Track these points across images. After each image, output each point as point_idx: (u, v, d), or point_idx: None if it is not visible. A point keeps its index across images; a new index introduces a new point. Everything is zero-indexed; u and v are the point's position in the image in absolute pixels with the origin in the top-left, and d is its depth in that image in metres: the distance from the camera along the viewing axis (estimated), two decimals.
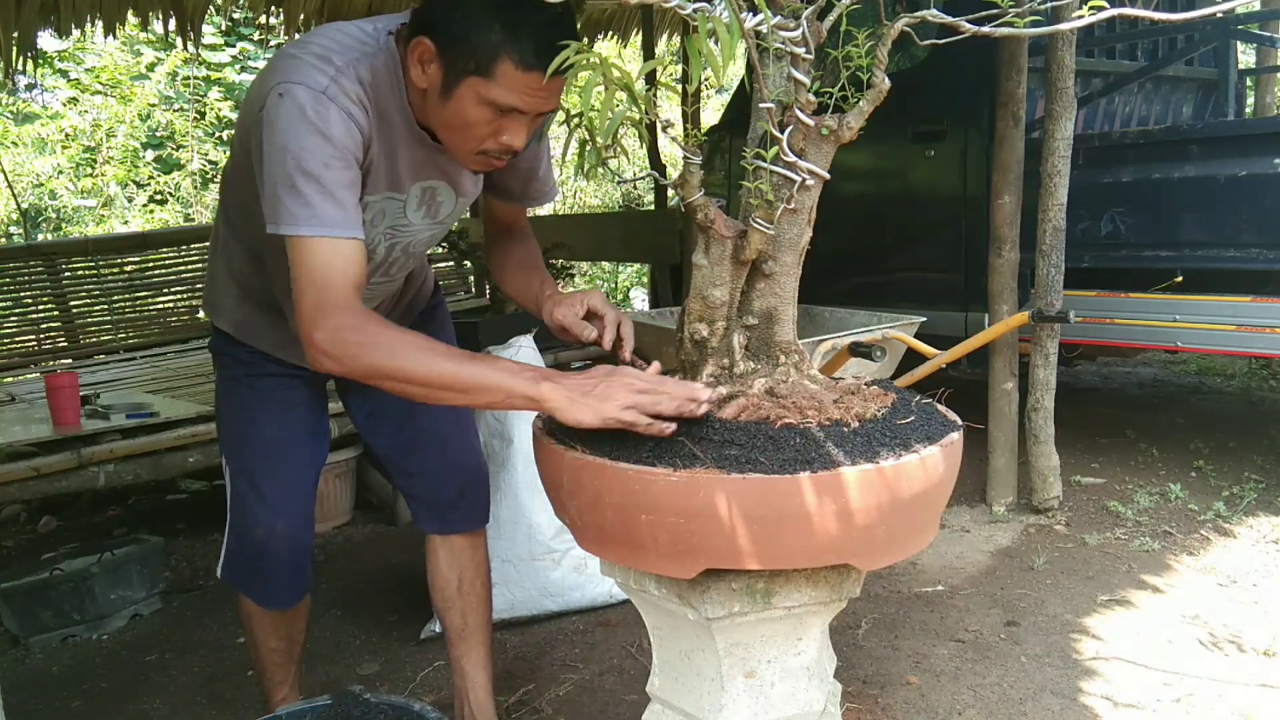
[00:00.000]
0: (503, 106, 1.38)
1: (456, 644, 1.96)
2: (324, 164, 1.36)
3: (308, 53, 1.42)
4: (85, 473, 2.81)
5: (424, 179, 1.57)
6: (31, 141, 8.10)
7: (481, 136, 1.42)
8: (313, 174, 1.35)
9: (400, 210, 1.57)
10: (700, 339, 1.35)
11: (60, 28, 4.56)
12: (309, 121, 1.36)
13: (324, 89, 1.38)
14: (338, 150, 1.37)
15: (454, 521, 1.93)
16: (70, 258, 5.05)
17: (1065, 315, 2.96)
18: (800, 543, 1.16)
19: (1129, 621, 2.47)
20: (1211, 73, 4.42)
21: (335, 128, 1.37)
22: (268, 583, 1.81)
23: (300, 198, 1.35)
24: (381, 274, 1.68)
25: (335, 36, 1.45)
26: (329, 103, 1.37)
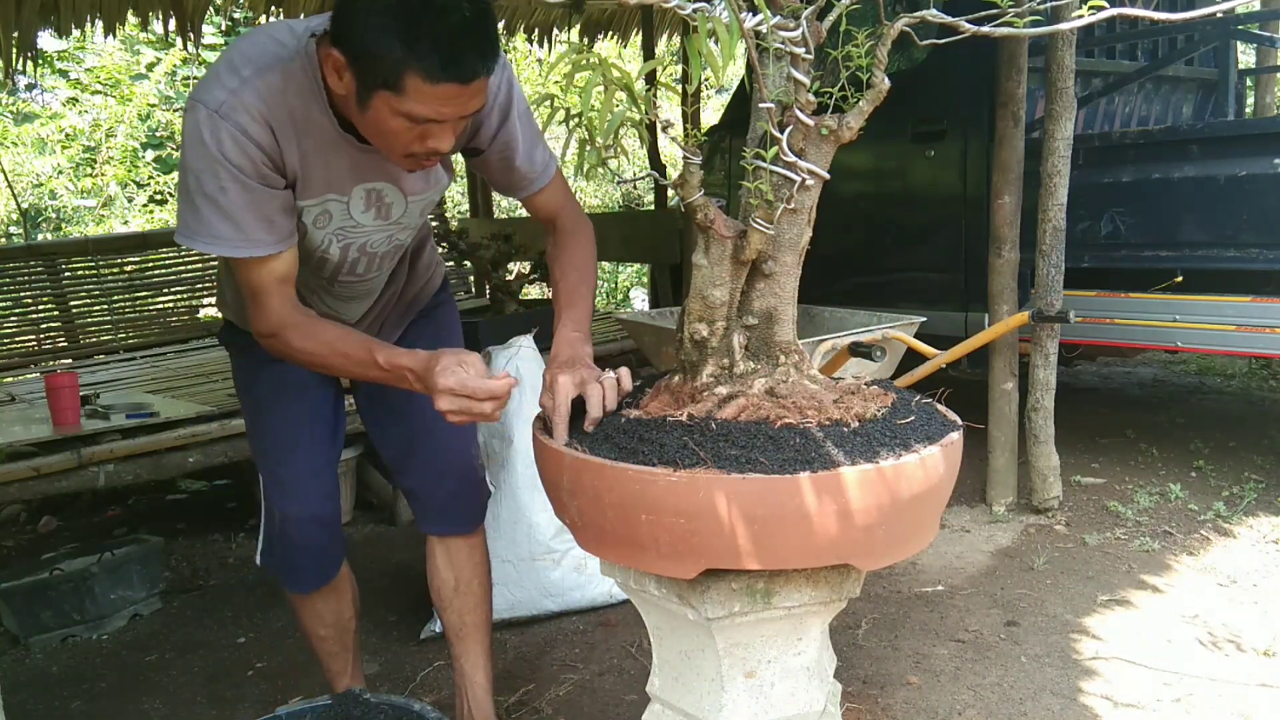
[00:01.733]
0: (417, 118, 1.34)
1: (455, 643, 1.97)
2: (220, 187, 1.39)
3: (221, 63, 1.43)
4: (85, 473, 2.82)
5: (366, 181, 1.55)
6: (31, 141, 8.10)
7: (405, 143, 1.39)
8: (209, 195, 1.40)
9: (345, 211, 1.57)
10: (700, 339, 1.35)
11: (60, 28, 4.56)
12: (202, 143, 1.38)
13: (219, 106, 1.38)
14: (230, 172, 1.39)
15: (446, 523, 1.94)
16: (70, 258, 5.06)
17: (1065, 315, 2.96)
18: (800, 543, 1.16)
19: (1129, 621, 2.47)
20: (1211, 73, 4.42)
21: (228, 148, 1.38)
22: (291, 566, 1.84)
23: (198, 214, 1.41)
24: (347, 274, 1.68)
25: (254, 42, 1.45)
26: (221, 122, 1.38)
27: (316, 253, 1.61)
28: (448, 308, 2.00)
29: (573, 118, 1.20)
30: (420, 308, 1.93)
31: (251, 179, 1.41)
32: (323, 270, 1.66)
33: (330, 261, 1.64)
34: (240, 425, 3.05)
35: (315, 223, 1.56)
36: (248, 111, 1.39)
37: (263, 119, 1.40)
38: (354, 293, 1.75)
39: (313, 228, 1.56)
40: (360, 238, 1.63)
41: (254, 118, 1.39)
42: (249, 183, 1.41)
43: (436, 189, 1.66)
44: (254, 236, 1.43)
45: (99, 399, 3.32)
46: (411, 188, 1.61)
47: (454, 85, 1.30)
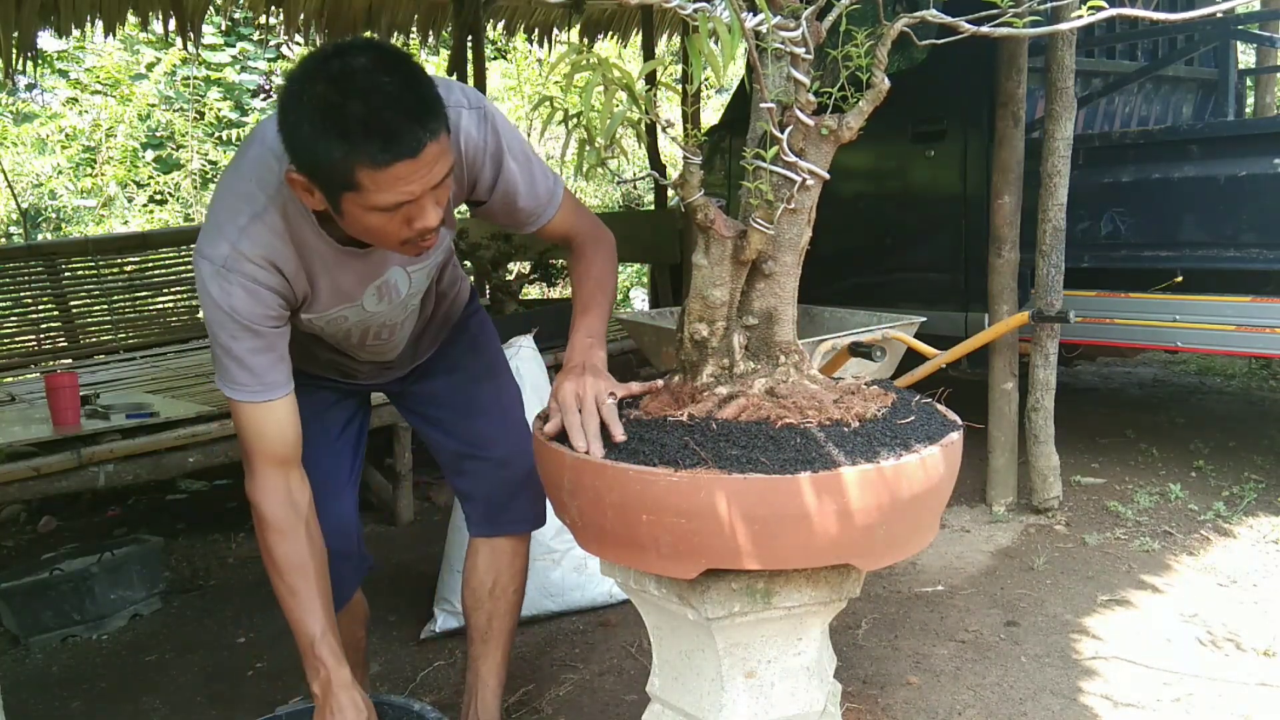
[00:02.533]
0: (388, 207, 1.30)
1: (476, 643, 1.96)
2: (232, 336, 1.43)
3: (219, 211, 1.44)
4: (85, 473, 2.81)
5: (372, 280, 1.57)
6: (31, 141, 8.10)
7: (393, 232, 1.35)
8: (224, 345, 1.45)
9: (359, 309, 1.60)
10: (700, 339, 1.35)
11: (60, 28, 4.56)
12: (213, 298, 1.42)
13: (224, 261, 1.41)
14: (242, 323, 1.43)
15: (505, 524, 1.92)
16: (70, 258, 5.05)
17: (1065, 315, 2.96)
18: (800, 543, 1.16)
19: (1129, 621, 2.47)
20: (1211, 73, 4.42)
21: (238, 300, 1.41)
22: None
23: (220, 363, 1.47)
24: (373, 339, 1.71)
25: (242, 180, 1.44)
26: (228, 275, 1.41)
27: (339, 334, 1.65)
28: (478, 318, 1.99)
29: (573, 118, 1.20)
30: (453, 323, 1.94)
31: (262, 325, 1.45)
32: (348, 341, 1.69)
33: (353, 335, 1.67)
34: None
35: (329, 324, 1.60)
36: (252, 261, 1.41)
37: (268, 264, 1.43)
38: (380, 351, 1.77)
39: (328, 327, 1.61)
40: (379, 320, 1.66)
41: (260, 265, 1.42)
42: (259, 329, 1.45)
43: (438, 250, 1.64)
44: (269, 380, 1.48)
45: (99, 399, 3.32)
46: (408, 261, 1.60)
47: (404, 163, 1.25)
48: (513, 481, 1.90)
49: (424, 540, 3.31)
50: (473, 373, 1.93)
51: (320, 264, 1.49)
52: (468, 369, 1.92)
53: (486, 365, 1.95)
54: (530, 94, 9.84)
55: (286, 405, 1.51)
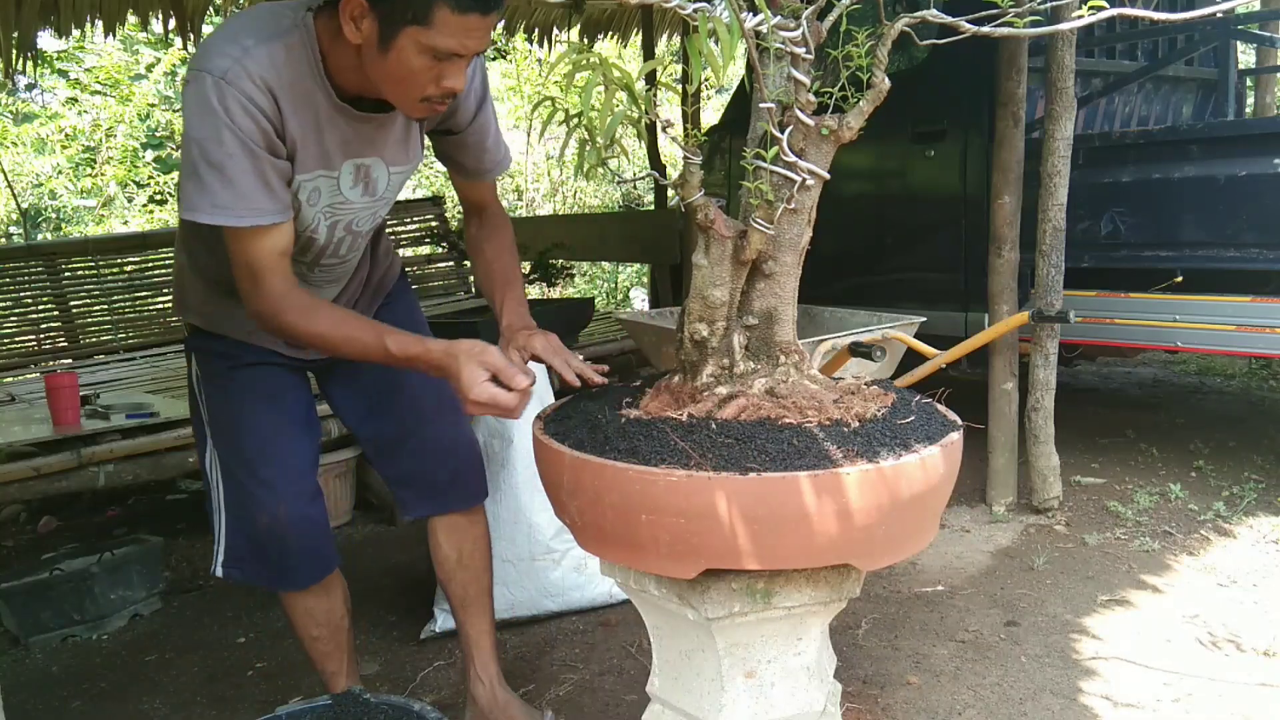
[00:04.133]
0: (441, 52, 1.39)
1: (460, 612, 2.01)
2: (226, 153, 1.42)
3: (220, 33, 1.47)
4: (85, 473, 2.81)
5: (354, 156, 1.60)
6: (31, 141, 8.10)
7: (423, 84, 1.43)
8: (215, 162, 1.42)
9: (335, 188, 1.61)
10: (700, 339, 1.35)
11: (60, 28, 4.56)
12: (209, 109, 1.40)
13: (225, 73, 1.41)
14: (238, 137, 1.42)
15: (449, 501, 1.95)
16: (70, 258, 5.06)
17: (1065, 315, 2.96)
18: (800, 543, 1.16)
19: (1129, 621, 2.47)
20: (1211, 73, 4.42)
21: (235, 113, 1.41)
22: (281, 566, 1.80)
23: (202, 185, 1.43)
24: (330, 255, 1.71)
25: (252, 15, 1.49)
26: (228, 88, 1.41)
27: (305, 233, 1.64)
28: (408, 295, 2.03)
29: (573, 118, 1.20)
30: (385, 294, 1.96)
31: (258, 145, 1.44)
32: (307, 252, 1.68)
33: (316, 242, 1.67)
34: None
35: (308, 200, 1.59)
36: (252, 79, 1.42)
37: (266, 87, 1.44)
38: (332, 276, 1.77)
39: (305, 205, 1.59)
40: (347, 215, 1.66)
41: (258, 86, 1.43)
42: (254, 148, 1.44)
43: (413, 163, 1.70)
44: (257, 205, 1.45)
45: (99, 399, 3.32)
46: (393, 159, 1.65)
47: (477, 16, 1.37)
48: (451, 458, 1.92)
49: (424, 540, 3.28)
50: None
51: (312, 113, 1.51)
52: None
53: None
54: (530, 94, 9.83)
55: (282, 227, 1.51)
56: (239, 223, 1.45)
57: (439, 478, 1.92)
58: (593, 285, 9.18)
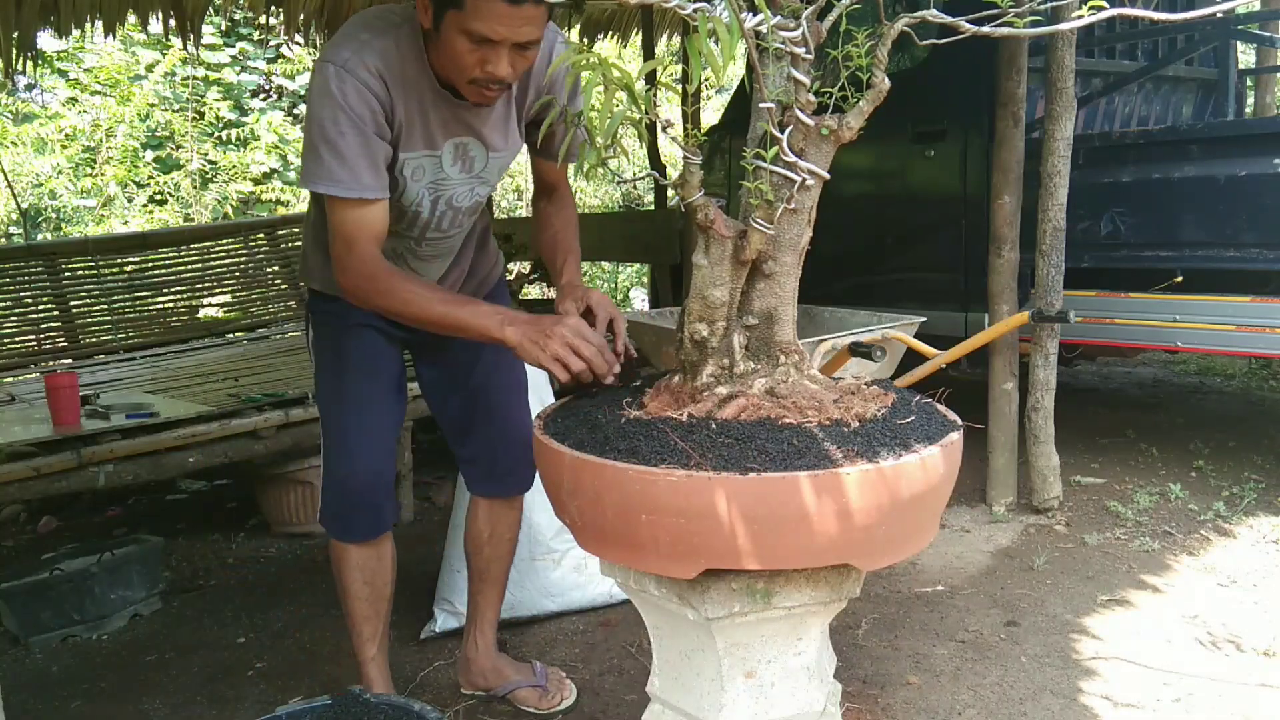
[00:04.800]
0: (476, 36, 1.52)
1: (476, 581, 2.22)
2: (340, 132, 1.60)
3: (345, 30, 1.67)
4: (85, 473, 2.81)
5: (455, 135, 1.76)
6: (31, 141, 8.09)
7: (468, 67, 1.57)
8: (330, 140, 1.61)
9: (438, 165, 1.77)
10: (700, 339, 1.35)
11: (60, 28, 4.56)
12: (329, 94, 1.60)
13: (344, 63, 1.61)
14: (351, 119, 1.60)
15: (504, 487, 2.16)
16: (70, 258, 5.04)
17: (1065, 315, 2.96)
18: (800, 543, 1.16)
19: (1129, 621, 2.47)
20: (1211, 73, 4.42)
21: (351, 98, 1.60)
22: (346, 519, 2.00)
23: (319, 160, 1.62)
24: (434, 230, 1.87)
25: (373, 13, 1.70)
26: (347, 76, 1.60)
27: (411, 207, 1.81)
28: (505, 297, 2.21)
29: (573, 118, 1.20)
30: (486, 291, 2.11)
31: (368, 126, 1.62)
32: (414, 227, 1.85)
33: (421, 216, 1.83)
34: (239, 426, 3.05)
35: (413, 175, 1.76)
36: (368, 68, 1.62)
37: (379, 75, 1.63)
38: (436, 250, 1.93)
39: (410, 181, 1.76)
40: (448, 190, 1.82)
41: (372, 74, 1.62)
42: (365, 130, 1.62)
43: (512, 149, 1.85)
44: (364, 181, 1.63)
45: (99, 399, 3.32)
46: (492, 143, 1.80)
47: (503, 3, 1.48)
48: (516, 450, 2.09)
49: (424, 540, 3.30)
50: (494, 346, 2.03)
51: (419, 97, 1.68)
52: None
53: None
54: None
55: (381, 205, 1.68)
56: (346, 194, 1.63)
57: (501, 464, 2.12)
58: (593, 285, 9.16)
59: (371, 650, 2.08)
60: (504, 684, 2.21)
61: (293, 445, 3.21)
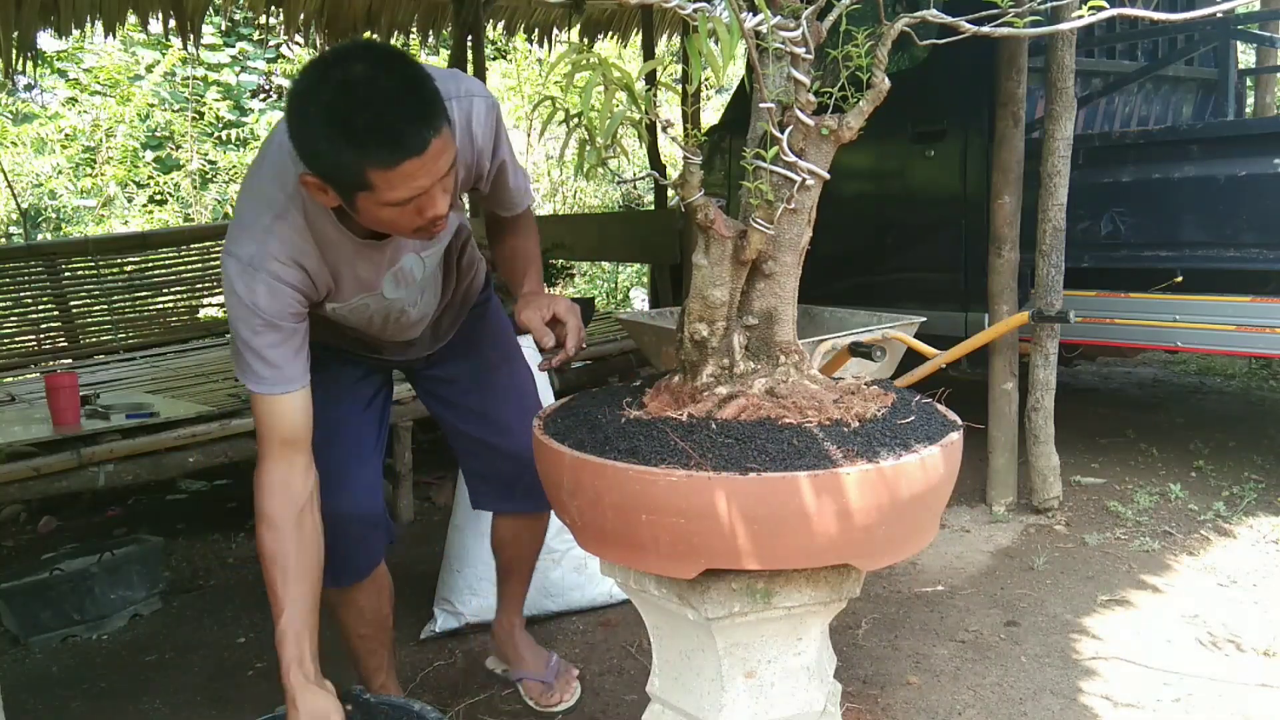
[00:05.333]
0: (400, 203, 1.38)
1: (503, 573, 2.23)
2: (253, 331, 1.51)
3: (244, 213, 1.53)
4: (85, 473, 2.81)
5: (389, 268, 1.66)
6: (31, 141, 8.09)
7: (406, 224, 1.44)
8: (245, 340, 1.52)
9: (380, 297, 1.69)
10: (700, 339, 1.35)
11: (60, 28, 4.56)
12: (238, 295, 1.49)
13: (250, 260, 1.49)
14: (264, 319, 1.50)
15: (519, 505, 2.08)
16: (70, 258, 5.05)
17: (1065, 315, 2.96)
18: (800, 543, 1.16)
19: (1129, 621, 2.47)
20: (1211, 73, 4.42)
21: (261, 298, 1.49)
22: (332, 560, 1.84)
23: (241, 359, 1.54)
24: (394, 324, 1.80)
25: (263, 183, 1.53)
26: (254, 273, 1.49)
27: (360, 322, 1.74)
28: (493, 304, 2.11)
29: (573, 118, 1.20)
30: (471, 304, 2.04)
31: (284, 321, 1.53)
32: (369, 329, 1.79)
33: (375, 322, 1.77)
34: (239, 425, 3.05)
35: (352, 312, 1.69)
36: (277, 259, 1.50)
37: (292, 261, 1.51)
38: (402, 327, 1.85)
39: (350, 315, 1.70)
40: (398, 307, 1.75)
41: (284, 263, 1.50)
42: (280, 324, 1.52)
43: (447, 232, 1.73)
44: (287, 374, 1.55)
45: (99, 399, 3.32)
46: (422, 247, 1.69)
47: (412, 161, 1.32)
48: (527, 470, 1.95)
49: (424, 540, 3.31)
50: (489, 359, 2.04)
51: (342, 257, 1.57)
52: (484, 355, 2.04)
53: (502, 352, 2.07)
54: (530, 94, 9.83)
55: (301, 398, 1.57)
56: (271, 391, 1.54)
57: (515, 485, 2.03)
58: (593, 285, 9.18)
59: (380, 678, 2.07)
60: (516, 670, 2.24)
61: None
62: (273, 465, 1.57)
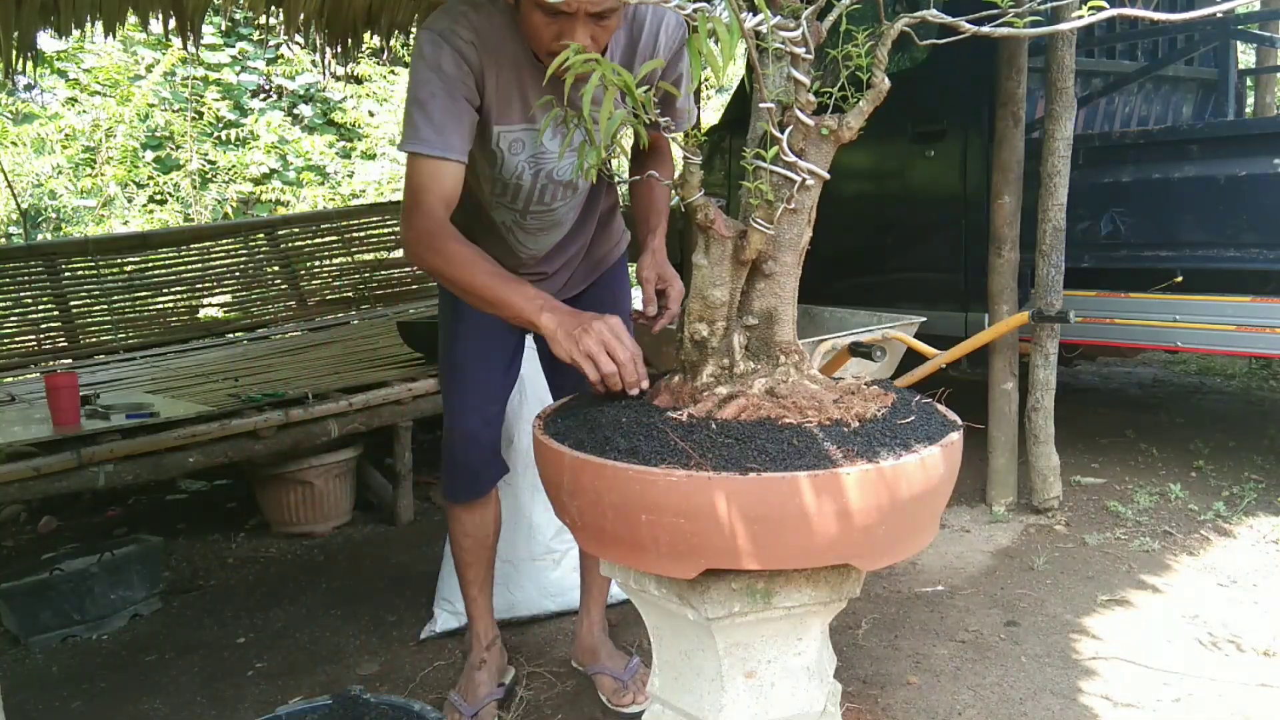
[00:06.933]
0: (549, 8, 1.53)
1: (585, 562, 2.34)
2: (431, 94, 1.66)
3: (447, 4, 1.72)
4: (85, 473, 2.81)
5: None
6: (31, 141, 8.09)
7: (545, 40, 1.59)
8: (422, 101, 1.66)
9: (537, 138, 1.80)
10: (700, 339, 1.35)
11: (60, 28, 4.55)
12: (425, 59, 1.67)
13: (441, 31, 1.67)
14: (445, 83, 1.66)
15: None
16: (70, 258, 5.04)
17: (1065, 315, 2.96)
18: (800, 543, 1.16)
19: (1129, 621, 2.47)
20: (1211, 73, 4.42)
21: (446, 62, 1.66)
22: (451, 477, 2.11)
23: (411, 121, 1.67)
24: (537, 203, 1.91)
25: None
26: (443, 43, 1.66)
27: (512, 180, 1.85)
28: (625, 278, 2.23)
29: (573, 118, 1.20)
30: (604, 270, 2.16)
31: (457, 90, 1.67)
32: (517, 199, 1.89)
33: (524, 188, 1.87)
34: (239, 426, 3.06)
35: (510, 149, 1.80)
36: (462, 37, 1.67)
37: (474, 45, 1.68)
38: (543, 223, 1.96)
39: (508, 154, 1.80)
40: (549, 163, 1.85)
41: (467, 42, 1.67)
42: (455, 94, 1.67)
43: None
44: (448, 140, 1.66)
45: (99, 399, 3.32)
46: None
47: None
48: None
49: (424, 540, 3.31)
50: None
51: (515, 71, 1.72)
52: None
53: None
54: None
55: (457, 170, 1.68)
56: (428, 150, 1.65)
57: None
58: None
59: (474, 591, 2.21)
60: (592, 665, 2.28)
61: (293, 445, 3.21)
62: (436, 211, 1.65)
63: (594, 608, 2.32)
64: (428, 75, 1.66)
